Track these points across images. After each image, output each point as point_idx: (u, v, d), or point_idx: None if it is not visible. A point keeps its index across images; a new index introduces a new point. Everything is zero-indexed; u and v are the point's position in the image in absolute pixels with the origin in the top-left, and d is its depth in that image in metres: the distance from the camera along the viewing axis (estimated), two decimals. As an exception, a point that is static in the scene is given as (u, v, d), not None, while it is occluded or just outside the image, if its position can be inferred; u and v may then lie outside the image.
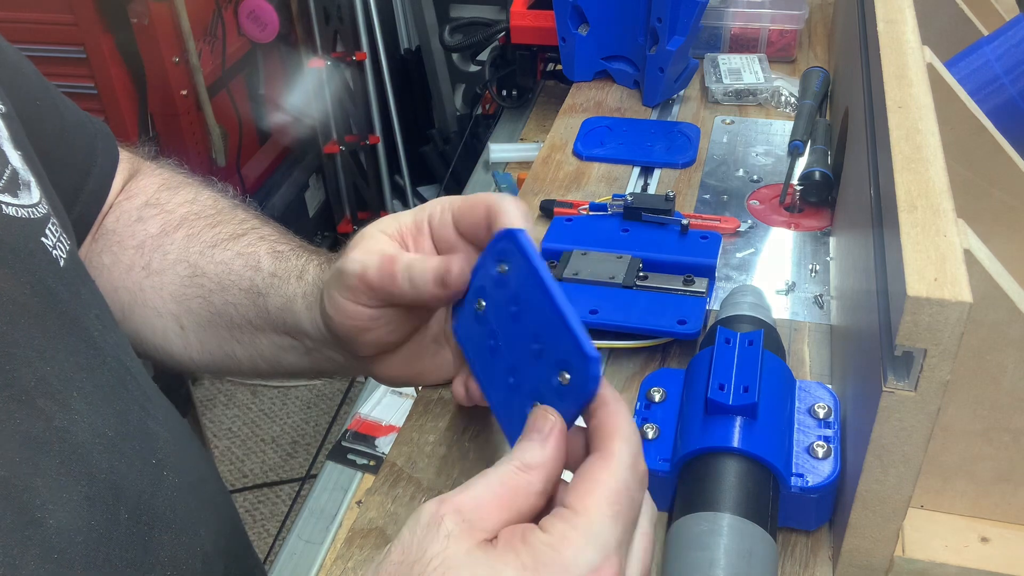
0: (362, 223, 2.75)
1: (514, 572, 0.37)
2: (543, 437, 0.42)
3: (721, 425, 0.54)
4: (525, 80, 1.26)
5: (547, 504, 0.41)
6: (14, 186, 0.48)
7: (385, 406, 1.47)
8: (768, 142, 1.00)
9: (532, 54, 1.22)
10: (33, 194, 0.50)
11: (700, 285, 0.74)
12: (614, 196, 0.84)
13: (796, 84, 1.06)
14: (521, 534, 0.38)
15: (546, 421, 0.42)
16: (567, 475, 0.43)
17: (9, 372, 0.43)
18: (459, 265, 0.52)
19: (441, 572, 0.37)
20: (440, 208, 0.56)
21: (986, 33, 0.82)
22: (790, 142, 0.92)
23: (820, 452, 0.55)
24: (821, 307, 0.76)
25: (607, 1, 1.05)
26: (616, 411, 0.42)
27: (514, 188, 1.31)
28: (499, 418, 0.50)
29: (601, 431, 0.42)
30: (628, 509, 0.40)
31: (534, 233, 0.51)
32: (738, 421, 0.54)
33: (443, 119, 2.76)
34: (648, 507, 0.43)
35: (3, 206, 0.47)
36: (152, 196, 0.68)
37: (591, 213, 0.85)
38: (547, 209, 0.88)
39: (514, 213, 0.52)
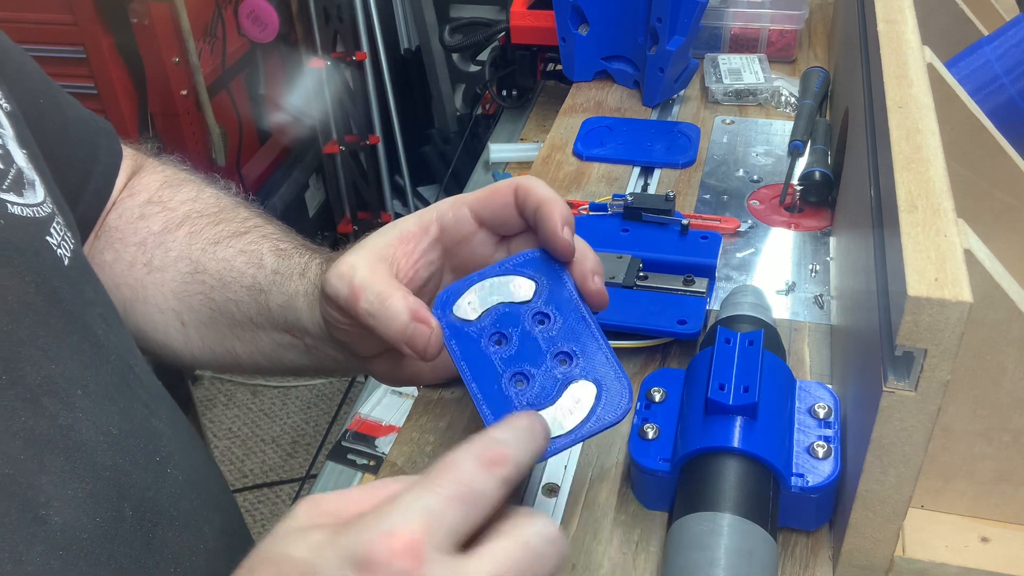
0: (362, 223, 2.74)
1: (320, 531, 0.36)
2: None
3: (721, 425, 0.54)
4: (525, 80, 1.26)
5: None
6: (19, 185, 0.49)
7: (385, 406, 1.47)
8: (768, 142, 1.00)
9: (532, 54, 1.22)
10: (38, 193, 0.50)
11: (700, 285, 0.74)
12: (614, 196, 0.84)
13: (796, 84, 1.06)
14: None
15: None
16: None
17: (14, 371, 0.43)
18: (435, 340, 0.49)
19: (275, 535, 0.37)
20: (451, 206, 0.55)
21: (986, 33, 0.82)
22: (790, 142, 0.92)
23: (820, 452, 0.55)
24: (821, 307, 0.76)
25: (607, 1, 1.05)
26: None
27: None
28: (485, 409, 0.49)
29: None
30: (454, 484, 0.37)
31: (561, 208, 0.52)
32: (738, 421, 0.54)
33: (443, 119, 2.76)
34: (540, 524, 0.38)
35: (8, 205, 0.47)
36: (154, 193, 0.68)
37: (591, 213, 0.85)
38: (548, 209, 0.88)
39: (544, 188, 0.52)
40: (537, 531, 0.38)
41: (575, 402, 0.48)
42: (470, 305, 0.51)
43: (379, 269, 0.52)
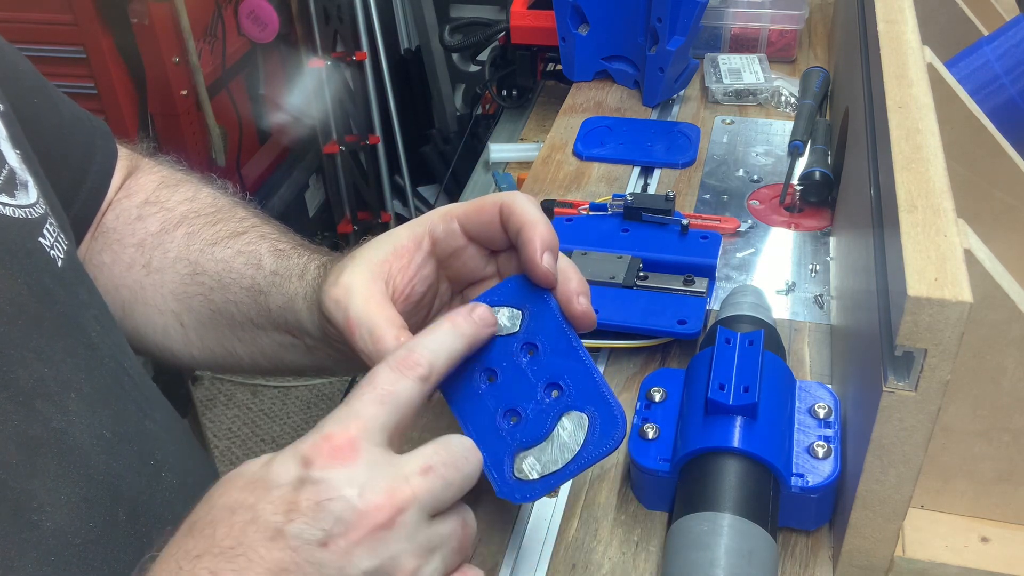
0: (362, 223, 2.72)
1: (265, 455, 0.43)
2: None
3: (721, 425, 0.54)
4: (525, 80, 1.26)
5: None
6: (11, 186, 0.48)
7: (385, 406, 1.47)
8: (768, 142, 1.00)
9: (532, 54, 1.22)
10: (31, 193, 0.50)
11: (700, 285, 0.74)
12: (614, 196, 0.84)
13: (796, 84, 1.06)
14: None
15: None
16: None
17: (6, 373, 0.43)
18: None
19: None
20: (442, 217, 0.55)
21: (986, 33, 0.82)
22: (790, 142, 0.92)
23: (820, 452, 0.55)
24: (821, 307, 0.76)
25: (607, 1, 1.05)
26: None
27: (514, 188, 1.31)
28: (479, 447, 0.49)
29: None
30: (375, 390, 0.43)
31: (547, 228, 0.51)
32: (738, 421, 0.54)
33: (443, 119, 2.76)
34: (459, 437, 0.46)
35: (0, 206, 0.47)
36: (151, 194, 0.68)
37: (591, 213, 0.85)
38: (547, 209, 0.88)
39: (528, 209, 0.51)
40: (458, 440, 0.45)
41: (569, 434, 0.47)
42: None
43: (375, 294, 0.52)
